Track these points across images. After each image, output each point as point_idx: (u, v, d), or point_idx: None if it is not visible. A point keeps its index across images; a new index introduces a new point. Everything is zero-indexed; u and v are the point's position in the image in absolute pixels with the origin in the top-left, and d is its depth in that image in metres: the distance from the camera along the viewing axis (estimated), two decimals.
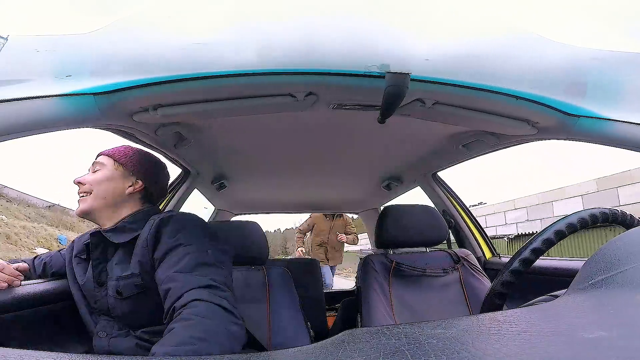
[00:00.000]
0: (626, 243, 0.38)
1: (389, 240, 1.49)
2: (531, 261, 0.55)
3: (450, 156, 1.60)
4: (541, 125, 1.05)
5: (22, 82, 0.71)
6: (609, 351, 0.21)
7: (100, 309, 0.86)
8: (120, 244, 0.87)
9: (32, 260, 1.03)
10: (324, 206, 3.04)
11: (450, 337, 0.28)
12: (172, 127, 1.15)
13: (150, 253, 0.81)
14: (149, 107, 0.91)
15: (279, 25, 0.81)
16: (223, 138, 1.40)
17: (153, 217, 0.86)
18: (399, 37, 0.84)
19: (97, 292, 0.86)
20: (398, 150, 1.64)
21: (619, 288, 0.31)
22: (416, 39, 0.83)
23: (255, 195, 2.49)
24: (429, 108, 0.97)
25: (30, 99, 0.69)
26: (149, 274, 0.80)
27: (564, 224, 0.56)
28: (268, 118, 1.20)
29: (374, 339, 0.29)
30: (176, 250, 0.78)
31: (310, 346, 0.30)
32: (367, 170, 1.99)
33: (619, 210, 0.59)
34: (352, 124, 1.29)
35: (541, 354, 0.22)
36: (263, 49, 0.81)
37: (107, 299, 0.85)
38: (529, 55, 0.88)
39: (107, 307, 0.85)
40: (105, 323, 0.86)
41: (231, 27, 0.79)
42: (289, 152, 1.62)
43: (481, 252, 1.82)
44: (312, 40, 0.81)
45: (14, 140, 0.72)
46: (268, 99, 0.92)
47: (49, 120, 0.72)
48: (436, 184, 1.90)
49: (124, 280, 0.82)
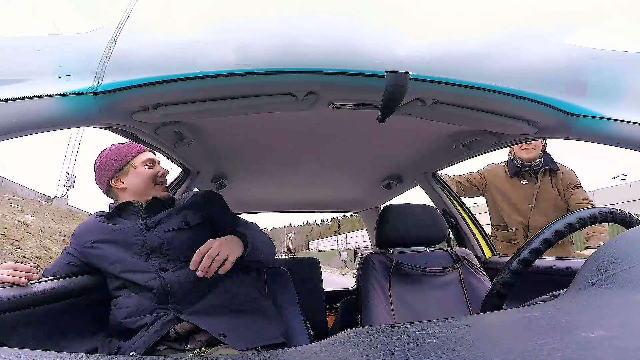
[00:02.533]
0: (626, 243, 0.38)
1: (389, 240, 1.49)
2: (530, 261, 0.55)
3: (450, 155, 1.60)
4: (541, 125, 1.05)
5: (22, 82, 0.71)
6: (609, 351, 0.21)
7: (152, 247, 1.05)
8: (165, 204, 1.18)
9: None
10: (324, 205, 3.04)
11: (450, 337, 0.28)
12: (172, 127, 1.15)
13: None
14: (149, 107, 0.91)
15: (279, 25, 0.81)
16: (223, 137, 1.40)
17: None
18: (399, 36, 0.84)
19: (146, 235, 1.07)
20: (398, 150, 1.64)
21: (619, 288, 0.31)
22: (416, 38, 0.83)
23: (255, 195, 2.49)
24: (429, 107, 0.97)
25: (30, 98, 0.69)
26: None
27: (562, 224, 0.56)
28: (268, 117, 1.20)
29: (373, 338, 0.29)
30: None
31: (310, 345, 0.30)
32: (367, 170, 1.99)
33: (619, 209, 0.59)
34: (352, 123, 1.29)
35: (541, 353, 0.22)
36: (263, 48, 0.81)
37: (158, 237, 1.07)
38: (529, 54, 0.88)
39: (161, 242, 1.06)
40: (162, 259, 1.04)
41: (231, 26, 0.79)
42: (289, 152, 1.62)
43: (481, 252, 1.82)
44: (312, 40, 0.81)
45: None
46: (268, 98, 0.92)
47: (48, 119, 0.72)
48: (436, 183, 1.90)
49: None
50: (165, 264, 1.03)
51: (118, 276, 1.03)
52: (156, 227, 1.09)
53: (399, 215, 1.49)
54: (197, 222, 1.13)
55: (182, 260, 1.04)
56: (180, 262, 1.04)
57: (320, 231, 70.37)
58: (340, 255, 26.14)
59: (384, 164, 1.87)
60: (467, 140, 1.38)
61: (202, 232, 1.11)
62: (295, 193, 2.52)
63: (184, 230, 1.10)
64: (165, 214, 1.13)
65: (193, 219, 1.13)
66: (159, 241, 1.06)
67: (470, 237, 1.85)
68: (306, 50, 0.81)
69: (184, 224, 1.11)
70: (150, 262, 1.04)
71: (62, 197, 13.69)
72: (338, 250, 31.46)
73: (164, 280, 1.00)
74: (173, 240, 1.07)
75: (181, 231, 1.09)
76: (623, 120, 0.86)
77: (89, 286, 1.06)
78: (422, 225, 1.49)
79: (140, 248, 1.05)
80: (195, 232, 1.10)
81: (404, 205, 1.53)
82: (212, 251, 0.91)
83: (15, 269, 0.88)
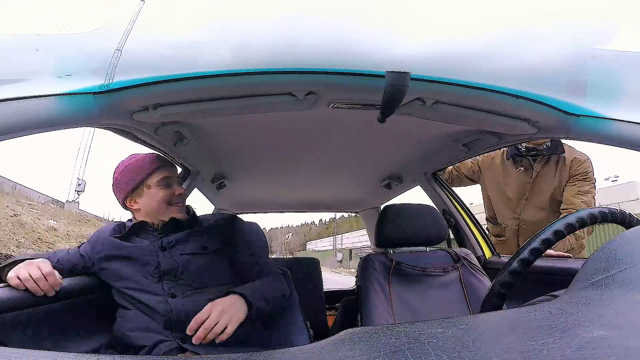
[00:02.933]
0: (626, 243, 0.38)
1: (389, 240, 1.49)
2: (530, 261, 0.55)
3: (450, 155, 1.60)
4: (541, 125, 1.05)
5: (22, 81, 0.71)
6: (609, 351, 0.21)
7: (166, 270, 1.01)
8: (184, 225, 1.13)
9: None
10: (324, 205, 3.04)
11: (450, 337, 0.28)
12: (172, 127, 1.14)
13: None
14: (149, 107, 0.91)
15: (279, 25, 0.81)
16: (223, 137, 1.40)
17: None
18: (399, 36, 0.84)
19: (161, 256, 1.03)
20: (398, 150, 1.64)
21: (619, 287, 0.31)
22: (416, 38, 0.83)
23: (255, 195, 2.49)
24: (429, 107, 0.97)
25: (30, 98, 0.69)
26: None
27: (562, 224, 0.56)
28: (268, 117, 1.20)
29: (373, 338, 0.29)
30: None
31: (310, 345, 0.30)
32: (367, 170, 1.99)
33: (618, 209, 0.59)
34: (352, 123, 1.29)
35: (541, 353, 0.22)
36: (263, 48, 0.81)
37: (173, 260, 1.03)
38: (529, 54, 0.88)
39: (175, 265, 1.02)
40: (173, 284, 1.00)
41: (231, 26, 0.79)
42: (289, 151, 1.62)
43: (481, 252, 1.82)
44: (312, 40, 0.81)
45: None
46: (268, 98, 0.92)
47: (48, 119, 0.72)
48: (436, 183, 1.90)
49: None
50: (175, 290, 0.99)
51: (127, 294, 1.00)
52: (172, 248, 1.05)
53: (399, 215, 1.49)
54: (215, 248, 1.09)
55: (193, 287, 1.01)
56: (191, 289, 1.00)
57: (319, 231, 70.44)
58: (336, 255, 27.63)
59: (384, 163, 1.87)
60: (467, 140, 1.38)
61: (220, 259, 1.08)
62: (296, 193, 2.52)
63: (201, 254, 1.06)
64: (183, 235, 1.08)
65: (212, 244, 1.09)
66: (173, 264, 1.02)
67: (470, 237, 1.85)
68: (306, 50, 0.81)
69: (202, 248, 1.07)
70: (161, 285, 1.00)
71: (73, 201, 14.21)
72: (334, 250, 32.46)
73: (169, 307, 0.96)
74: (189, 264, 1.03)
75: (198, 255, 1.05)
76: (623, 120, 0.86)
77: (89, 286, 1.06)
78: (422, 225, 1.49)
79: (153, 269, 1.02)
80: (213, 258, 1.07)
81: (404, 205, 1.53)
82: (209, 321, 0.86)
83: (49, 275, 0.88)
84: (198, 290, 1.00)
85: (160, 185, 1.11)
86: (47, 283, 0.87)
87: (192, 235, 1.09)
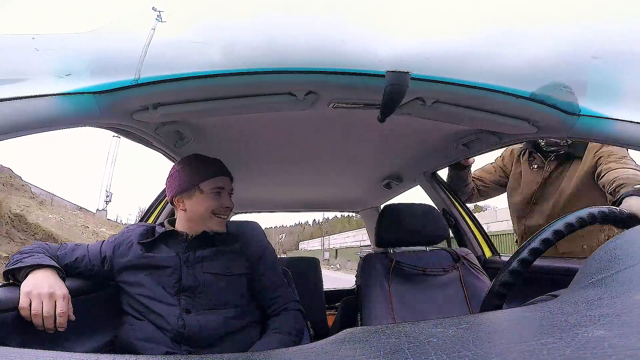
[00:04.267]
0: (626, 242, 0.38)
1: (389, 239, 1.49)
2: (530, 261, 0.55)
3: (450, 155, 1.60)
4: (541, 124, 1.05)
5: (22, 81, 0.71)
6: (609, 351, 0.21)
7: (186, 286, 1.00)
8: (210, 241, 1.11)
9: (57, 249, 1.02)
10: (324, 205, 3.04)
11: (450, 336, 0.28)
12: (172, 126, 1.14)
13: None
14: (149, 106, 0.91)
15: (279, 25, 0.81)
16: (223, 137, 1.40)
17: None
18: (400, 35, 0.84)
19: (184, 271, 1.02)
20: (398, 149, 1.64)
21: (619, 287, 0.31)
22: (416, 38, 0.83)
23: (255, 194, 2.49)
24: (429, 107, 0.97)
25: (31, 97, 0.69)
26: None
27: (562, 224, 0.56)
28: (268, 117, 1.20)
29: (373, 337, 0.29)
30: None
31: (310, 345, 0.30)
32: (367, 169, 1.99)
33: (618, 209, 0.58)
34: (352, 123, 1.29)
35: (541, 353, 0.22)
36: (263, 47, 0.81)
37: (195, 277, 1.02)
38: (530, 54, 0.88)
39: (197, 283, 1.01)
40: (190, 300, 0.99)
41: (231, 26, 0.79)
42: (290, 151, 1.62)
43: (481, 251, 1.82)
44: (313, 39, 0.81)
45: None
46: (268, 97, 0.92)
47: (49, 119, 0.72)
48: (436, 182, 1.90)
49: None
50: (190, 306, 0.99)
51: (140, 301, 0.99)
52: (196, 265, 1.03)
53: (399, 214, 1.49)
54: (239, 273, 1.07)
55: (208, 307, 1.00)
56: (206, 308, 0.99)
57: (312, 232, 70.59)
58: (324, 254, 31.91)
59: (384, 163, 1.87)
60: (467, 140, 1.38)
61: (241, 282, 1.07)
62: (296, 192, 2.52)
63: (224, 276, 1.04)
64: (209, 252, 1.06)
65: (237, 267, 1.07)
66: (195, 282, 1.01)
67: (470, 236, 1.85)
68: (306, 49, 0.81)
69: (226, 270, 1.05)
70: (177, 299, 0.99)
71: (102, 210, 15.31)
72: (322, 249, 36.78)
73: (182, 322, 0.95)
74: (210, 285, 1.02)
75: (220, 277, 1.04)
76: (623, 120, 0.86)
77: (88, 286, 1.06)
78: (422, 225, 1.49)
79: (174, 282, 1.00)
80: (234, 281, 1.06)
81: (403, 205, 1.53)
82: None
83: (61, 315, 0.84)
84: (213, 310, 1.00)
85: (212, 193, 1.08)
86: (54, 325, 0.84)
87: (218, 254, 1.07)
